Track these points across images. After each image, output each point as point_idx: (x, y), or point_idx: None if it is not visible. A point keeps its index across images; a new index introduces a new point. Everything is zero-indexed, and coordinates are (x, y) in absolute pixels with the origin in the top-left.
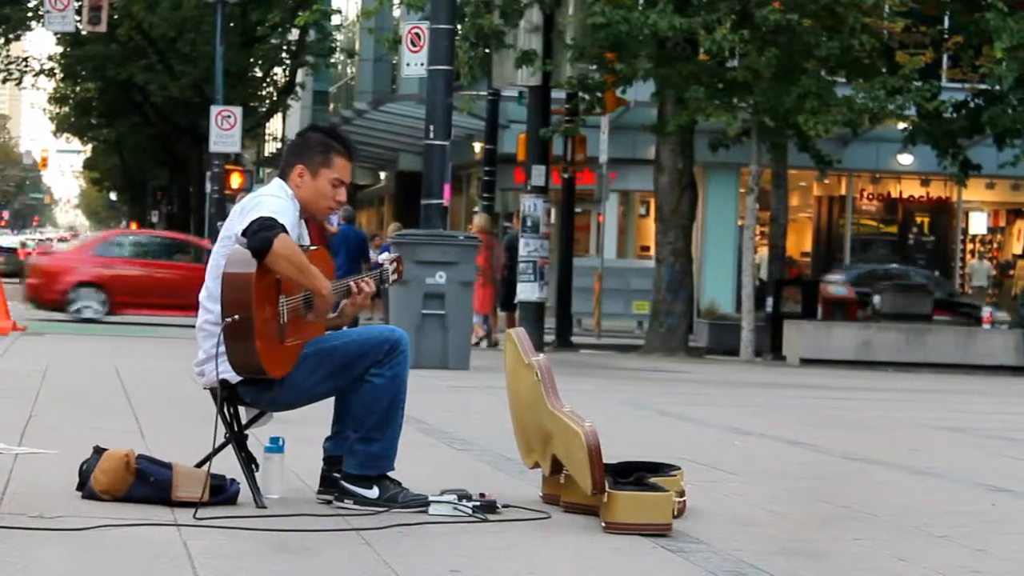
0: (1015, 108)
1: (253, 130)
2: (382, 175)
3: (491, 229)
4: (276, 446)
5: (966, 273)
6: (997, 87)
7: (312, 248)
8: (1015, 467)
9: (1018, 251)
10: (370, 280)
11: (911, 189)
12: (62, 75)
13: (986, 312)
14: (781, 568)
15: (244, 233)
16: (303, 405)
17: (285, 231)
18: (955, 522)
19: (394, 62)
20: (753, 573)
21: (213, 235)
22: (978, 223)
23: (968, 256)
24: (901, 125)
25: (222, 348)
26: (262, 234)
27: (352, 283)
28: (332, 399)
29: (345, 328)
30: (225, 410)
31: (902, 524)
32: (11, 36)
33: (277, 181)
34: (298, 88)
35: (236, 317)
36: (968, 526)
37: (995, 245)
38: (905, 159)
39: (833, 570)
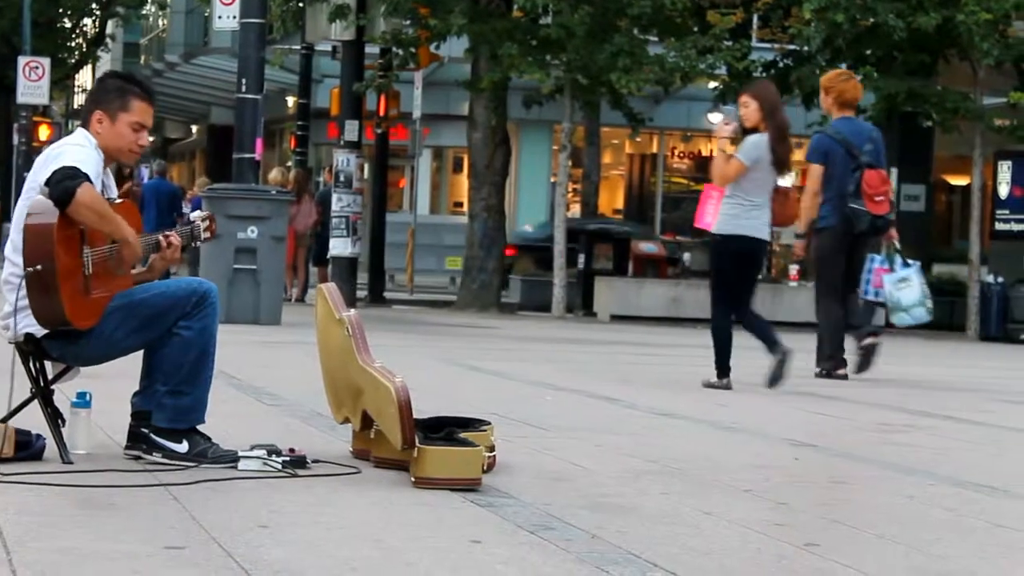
0: (823, 69)
1: (62, 82)
2: (194, 129)
3: (305, 184)
4: (83, 401)
5: (774, 231)
6: (805, 48)
7: (118, 201)
8: (817, 422)
9: None
10: (178, 235)
11: None
12: None
13: (793, 269)
14: (588, 522)
15: (47, 183)
16: (111, 359)
17: (88, 180)
18: (759, 476)
19: (206, 15)
20: (560, 527)
21: (19, 187)
22: (787, 182)
23: None
24: (712, 84)
25: (24, 301)
26: (65, 183)
27: (161, 237)
28: (140, 353)
29: (154, 281)
30: (31, 364)
31: (707, 478)
32: None
33: (80, 130)
34: (108, 39)
35: (38, 267)
36: (771, 480)
37: None
38: (716, 118)
39: (639, 524)
